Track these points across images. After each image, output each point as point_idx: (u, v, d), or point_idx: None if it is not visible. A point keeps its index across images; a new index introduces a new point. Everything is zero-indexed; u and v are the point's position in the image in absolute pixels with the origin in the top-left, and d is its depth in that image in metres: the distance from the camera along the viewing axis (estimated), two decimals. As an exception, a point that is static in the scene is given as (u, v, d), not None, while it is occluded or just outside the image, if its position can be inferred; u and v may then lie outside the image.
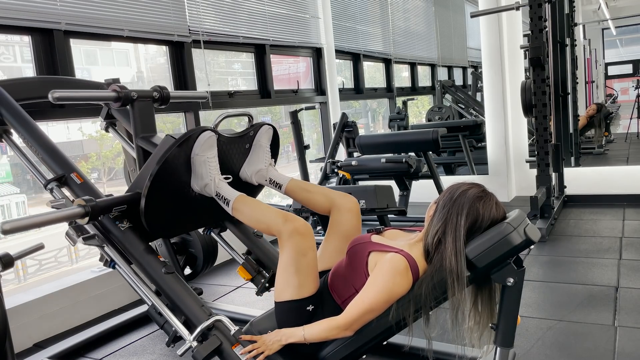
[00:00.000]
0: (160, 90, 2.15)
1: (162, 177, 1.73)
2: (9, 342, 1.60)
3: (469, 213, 1.44)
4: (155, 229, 1.84)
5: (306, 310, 1.61)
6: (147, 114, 2.12)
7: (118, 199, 1.80)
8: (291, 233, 1.62)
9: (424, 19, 7.23)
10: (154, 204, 1.75)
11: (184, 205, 1.88)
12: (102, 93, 2.07)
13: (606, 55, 9.14)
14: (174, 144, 1.73)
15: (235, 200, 1.76)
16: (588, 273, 2.89)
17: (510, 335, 1.46)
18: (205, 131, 1.79)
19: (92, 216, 1.68)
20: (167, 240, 2.68)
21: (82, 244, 1.85)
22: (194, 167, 1.81)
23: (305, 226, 1.64)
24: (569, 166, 5.23)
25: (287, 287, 1.62)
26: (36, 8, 2.73)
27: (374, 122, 7.12)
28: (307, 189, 1.95)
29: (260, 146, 2.02)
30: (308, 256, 1.62)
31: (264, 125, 2.03)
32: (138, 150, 2.09)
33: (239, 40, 4.14)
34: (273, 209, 1.72)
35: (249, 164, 2.02)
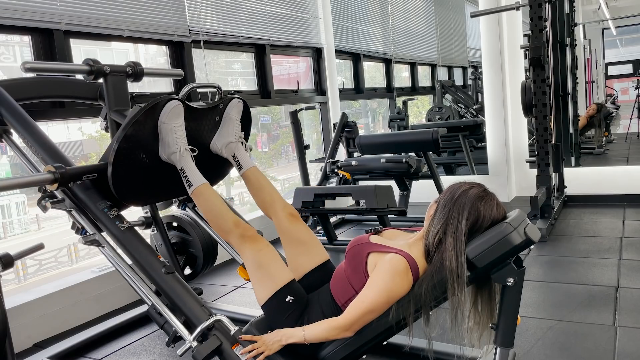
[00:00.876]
0: (134, 65, 2.20)
1: (128, 143, 1.76)
2: (9, 342, 1.60)
3: (470, 213, 1.44)
4: (124, 197, 1.86)
5: (286, 302, 1.64)
6: (120, 88, 2.17)
7: (88, 167, 1.83)
8: (239, 236, 1.72)
9: (424, 19, 7.23)
10: (122, 170, 1.78)
11: (153, 173, 1.91)
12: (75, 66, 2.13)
13: (606, 55, 9.14)
14: (140, 111, 1.76)
15: (199, 187, 1.81)
16: (588, 273, 2.89)
17: (510, 335, 1.46)
18: (172, 99, 1.82)
19: (61, 182, 1.71)
20: (167, 240, 2.68)
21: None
22: (161, 135, 1.84)
23: (252, 230, 1.77)
24: (569, 166, 5.23)
25: (260, 286, 1.68)
26: (36, 8, 2.73)
27: (374, 122, 7.12)
28: (261, 184, 1.99)
29: (231, 119, 2.05)
30: (263, 250, 1.71)
31: (234, 99, 2.06)
32: (111, 123, 2.13)
33: (239, 40, 4.14)
34: (229, 213, 1.79)
35: (219, 137, 2.06)
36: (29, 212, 4.83)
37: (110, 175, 1.76)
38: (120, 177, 1.79)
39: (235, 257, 2.22)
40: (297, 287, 1.70)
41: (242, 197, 5.82)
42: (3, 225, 4.71)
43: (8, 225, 4.80)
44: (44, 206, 1.83)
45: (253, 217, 3.96)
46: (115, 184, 1.78)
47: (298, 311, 1.64)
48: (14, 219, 4.88)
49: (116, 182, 1.78)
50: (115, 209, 1.85)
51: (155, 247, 2.70)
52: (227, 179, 2.44)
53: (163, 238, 2.67)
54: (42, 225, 4.94)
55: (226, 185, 5.34)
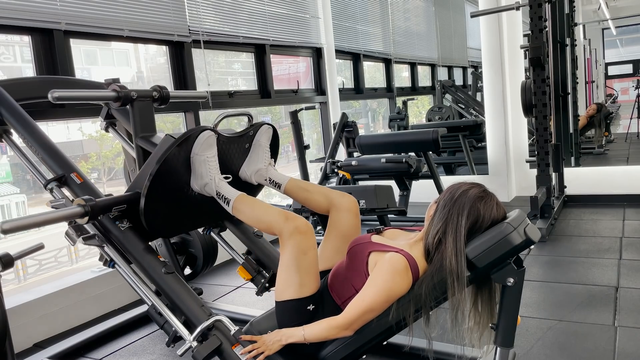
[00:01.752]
0: (160, 90, 2.15)
1: (162, 176, 1.73)
2: (9, 342, 1.60)
3: (469, 213, 1.44)
4: (155, 229, 1.83)
5: (307, 309, 1.61)
6: (147, 113, 2.12)
7: (118, 198, 1.80)
8: (292, 232, 1.62)
9: (424, 19, 7.23)
10: (154, 203, 1.75)
11: (184, 205, 1.88)
12: (102, 93, 2.07)
13: (606, 55, 9.14)
14: (174, 144, 1.73)
15: (236, 200, 1.76)
16: (588, 273, 2.89)
17: (510, 335, 1.46)
18: (205, 131, 1.79)
19: (91, 216, 1.68)
20: (167, 240, 2.68)
21: (82, 244, 1.85)
22: (194, 166, 1.81)
23: (306, 225, 1.65)
24: (569, 166, 5.23)
25: (288, 286, 1.62)
26: (36, 8, 2.73)
27: (374, 122, 7.12)
28: (306, 189, 1.95)
29: (260, 146, 2.02)
30: (309, 255, 1.62)
31: (264, 125, 2.03)
32: (138, 150, 2.09)
33: (239, 40, 4.14)
34: (274, 208, 1.72)
35: (249, 164, 2.02)
36: (29, 212, 4.83)
37: (143, 209, 1.73)
38: (153, 210, 1.77)
39: (235, 257, 2.22)
40: (319, 296, 1.66)
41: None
42: (3, 225, 4.70)
43: (8, 225, 4.78)
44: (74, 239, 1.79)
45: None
46: (147, 217, 1.75)
47: (310, 318, 1.61)
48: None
49: (148, 215, 1.75)
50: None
51: (155, 247, 2.70)
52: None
53: (163, 238, 2.67)
54: (42, 225, 4.93)
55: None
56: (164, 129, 4.24)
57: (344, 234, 1.83)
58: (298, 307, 1.61)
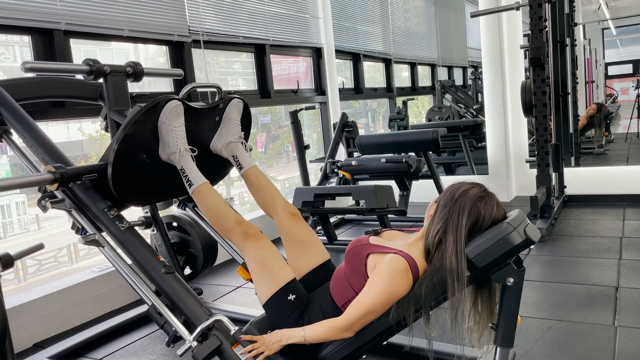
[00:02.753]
0: (133, 65, 2.20)
1: (128, 144, 1.76)
2: (9, 342, 1.60)
3: (470, 213, 1.44)
4: (124, 197, 1.86)
5: (288, 300, 1.64)
6: (121, 88, 2.17)
7: (88, 167, 1.83)
8: (242, 235, 1.72)
9: (424, 19, 7.23)
10: (122, 170, 1.78)
11: (153, 174, 1.91)
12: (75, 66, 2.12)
13: (606, 55, 9.14)
14: (140, 111, 1.76)
15: (200, 187, 1.82)
16: (588, 273, 2.89)
17: (510, 335, 1.46)
18: (173, 99, 1.82)
19: (61, 182, 1.71)
20: (167, 240, 2.68)
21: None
22: (161, 135, 1.84)
23: (254, 228, 1.76)
24: (569, 166, 5.23)
25: (262, 285, 1.68)
26: (36, 8, 2.73)
27: (374, 122, 7.12)
28: (261, 184, 1.99)
29: (231, 119, 2.05)
30: (266, 249, 1.72)
31: (234, 99, 2.06)
32: (111, 123, 2.13)
33: (239, 40, 4.14)
34: (231, 211, 1.79)
35: (219, 137, 2.06)
36: (29, 212, 4.83)
37: (110, 175, 1.76)
38: (120, 177, 1.79)
39: (235, 257, 2.22)
40: (298, 285, 1.70)
41: (242, 197, 5.82)
42: (3, 225, 4.71)
43: (8, 225, 4.80)
44: (44, 206, 1.83)
45: (253, 217, 3.97)
46: (115, 184, 1.78)
47: (299, 310, 1.64)
48: (14, 219, 4.88)
49: (116, 182, 1.78)
50: (115, 209, 1.85)
51: (155, 247, 2.70)
52: (227, 179, 2.44)
53: (163, 238, 2.67)
54: (42, 225, 4.94)
55: (226, 185, 5.34)
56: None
57: (295, 237, 1.85)
58: (279, 301, 1.65)
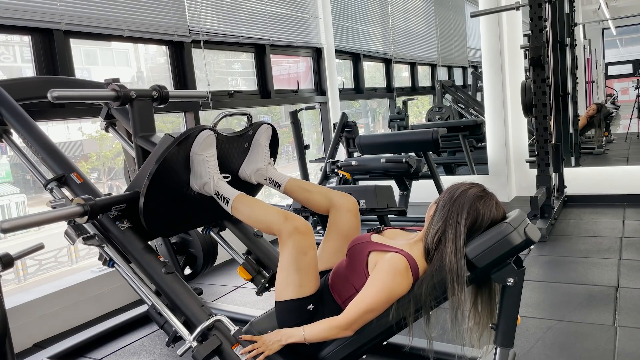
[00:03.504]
0: (159, 89, 2.15)
1: (161, 176, 1.73)
2: (9, 342, 1.60)
3: (469, 213, 1.44)
4: (154, 228, 1.83)
5: (307, 309, 1.61)
6: (146, 113, 2.12)
7: (117, 197, 1.80)
8: (291, 232, 1.62)
9: (424, 19, 7.23)
10: (153, 203, 1.75)
11: (183, 204, 1.88)
12: (101, 92, 2.07)
13: (606, 55, 9.14)
14: (173, 143, 1.72)
15: (235, 199, 1.76)
16: (588, 273, 2.89)
17: (510, 335, 1.45)
18: (204, 130, 1.79)
19: (91, 215, 1.68)
20: (167, 240, 2.68)
21: (81, 244, 1.85)
22: (193, 166, 1.81)
23: (305, 225, 1.64)
24: (569, 166, 5.23)
25: (288, 286, 1.62)
26: (36, 8, 2.73)
27: (374, 122, 7.12)
28: (306, 189, 1.95)
29: (260, 145, 2.02)
30: (308, 255, 1.62)
31: (263, 125, 2.03)
32: (137, 149, 2.09)
33: (239, 40, 4.14)
34: (273, 208, 1.72)
35: (248, 163, 2.02)
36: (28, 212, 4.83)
37: (142, 208, 1.72)
38: (152, 210, 1.76)
39: (235, 257, 2.22)
40: (319, 296, 1.66)
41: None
42: (3, 225, 4.70)
43: (8, 225, 4.78)
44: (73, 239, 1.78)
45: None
46: (146, 216, 1.75)
47: (310, 318, 1.62)
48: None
49: (147, 215, 1.75)
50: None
51: (155, 247, 2.70)
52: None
53: (163, 238, 2.67)
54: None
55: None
56: (164, 129, 4.24)
57: (344, 234, 1.83)
58: (298, 307, 1.61)
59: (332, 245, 1.83)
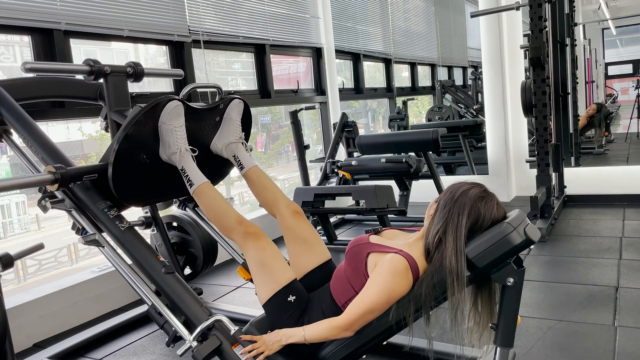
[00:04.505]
0: (134, 65, 2.20)
1: (129, 144, 1.76)
2: (9, 342, 1.60)
3: (470, 213, 1.44)
4: (125, 197, 1.86)
5: (288, 301, 1.64)
6: (121, 88, 2.17)
7: (88, 167, 1.83)
8: (242, 234, 1.72)
9: (424, 19, 7.23)
10: (122, 170, 1.78)
11: (154, 174, 1.91)
12: (75, 66, 2.12)
13: (606, 55, 9.13)
14: (140, 112, 1.76)
15: (200, 186, 1.81)
16: (588, 273, 2.89)
17: (510, 335, 1.46)
18: (173, 100, 1.82)
19: (61, 183, 1.71)
20: (167, 240, 2.68)
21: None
22: (162, 135, 1.84)
23: (255, 228, 1.75)
24: (569, 166, 5.23)
25: (263, 285, 1.68)
26: (36, 8, 2.73)
27: (374, 122, 7.12)
28: (263, 183, 1.99)
29: (231, 119, 2.05)
30: (267, 249, 1.71)
31: (235, 99, 2.07)
32: (112, 123, 2.13)
33: (239, 40, 4.13)
34: (232, 210, 1.79)
35: (220, 137, 2.06)
36: (29, 212, 4.83)
37: (111, 176, 1.76)
38: (121, 178, 1.79)
39: (235, 257, 2.22)
40: (299, 286, 1.70)
41: (242, 197, 5.82)
42: (3, 225, 4.71)
43: (8, 225, 4.80)
44: (44, 206, 1.83)
45: (254, 217, 3.97)
46: (116, 184, 1.78)
47: (299, 311, 1.64)
48: (14, 219, 4.87)
49: (116, 183, 1.78)
50: (115, 209, 1.85)
51: (155, 247, 2.70)
52: (227, 179, 2.44)
53: (163, 238, 2.67)
54: (42, 225, 4.94)
55: (226, 185, 5.34)
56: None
57: (297, 235, 1.85)
58: (279, 302, 1.64)
59: (294, 251, 1.86)
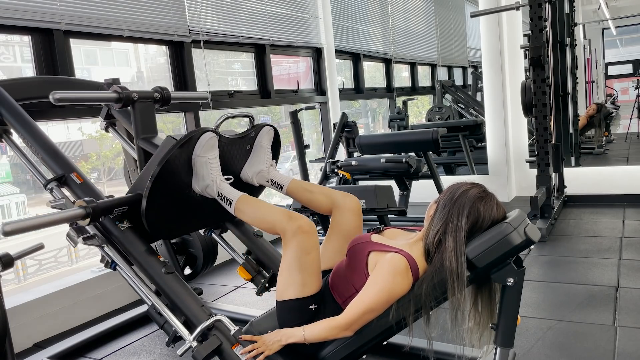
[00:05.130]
0: (161, 91, 2.15)
1: (163, 178, 1.73)
2: (9, 342, 1.60)
3: (470, 213, 1.44)
4: (157, 230, 1.83)
5: (309, 309, 1.61)
6: (148, 114, 2.12)
7: (119, 200, 1.80)
8: (295, 231, 1.61)
9: (424, 19, 7.23)
10: (155, 205, 1.75)
11: (185, 206, 1.88)
12: (103, 94, 2.07)
13: (606, 55, 9.14)
14: (175, 145, 1.72)
15: (238, 200, 1.76)
16: (588, 273, 2.89)
17: (510, 335, 1.45)
18: (207, 132, 1.78)
19: (93, 217, 1.68)
20: (167, 240, 2.68)
21: (82, 244, 1.85)
22: (195, 168, 1.80)
23: (309, 224, 1.64)
24: (569, 166, 5.23)
25: (290, 285, 1.62)
26: (36, 8, 2.73)
27: (374, 122, 7.12)
28: (308, 189, 1.95)
29: (262, 147, 2.02)
30: (311, 254, 1.62)
31: (265, 127, 2.03)
32: (139, 151, 2.09)
33: (239, 40, 4.14)
34: (276, 208, 1.73)
35: (250, 165, 2.02)
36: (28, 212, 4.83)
37: (144, 210, 1.72)
38: (154, 212, 1.76)
39: (235, 257, 2.22)
40: (321, 295, 1.66)
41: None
42: (3, 225, 4.71)
43: (8, 225, 4.79)
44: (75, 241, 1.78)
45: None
46: (149, 218, 1.75)
47: (312, 318, 1.61)
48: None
49: (149, 217, 1.75)
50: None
51: (155, 247, 2.69)
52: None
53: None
54: (42, 225, 4.93)
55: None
56: (164, 129, 4.24)
57: (346, 234, 1.83)
58: (300, 306, 1.61)
59: (333, 246, 1.83)
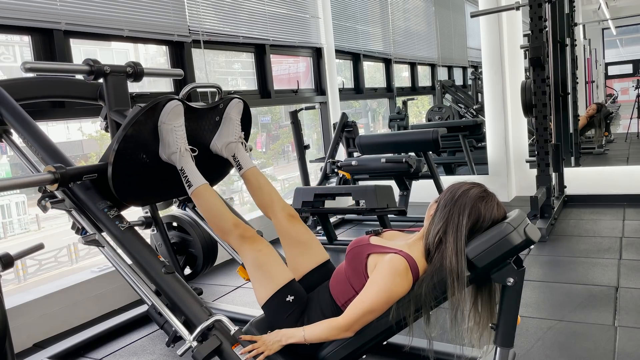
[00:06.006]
0: (134, 65, 2.20)
1: (128, 144, 1.76)
2: (9, 342, 1.60)
3: (470, 213, 1.44)
4: (125, 197, 1.86)
5: (287, 301, 1.64)
6: (121, 88, 2.17)
7: (88, 167, 1.83)
8: (239, 237, 1.73)
9: (424, 19, 7.23)
10: (121, 170, 1.78)
11: (154, 174, 1.91)
12: (75, 66, 2.12)
13: (606, 55, 9.13)
14: (140, 111, 1.76)
15: (198, 188, 1.82)
16: (588, 273, 2.89)
17: (510, 335, 1.46)
18: (173, 99, 1.82)
19: (61, 182, 1.71)
20: (167, 240, 2.68)
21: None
22: (162, 135, 1.84)
23: (251, 231, 1.77)
24: (569, 166, 5.23)
25: (261, 286, 1.68)
26: (36, 8, 2.73)
27: (374, 122, 7.12)
28: (260, 184, 2.00)
29: (231, 119, 2.06)
30: (263, 251, 1.72)
31: (235, 99, 2.07)
32: (111, 123, 2.13)
33: (239, 40, 4.13)
34: (229, 213, 1.79)
35: (220, 137, 2.07)
36: (29, 212, 4.83)
37: (111, 176, 1.76)
38: (121, 177, 1.79)
39: (235, 257, 2.22)
40: (297, 286, 1.70)
41: (242, 197, 5.82)
42: (3, 225, 4.71)
43: (8, 225, 4.80)
44: (44, 206, 1.83)
45: (253, 217, 3.97)
46: (116, 184, 1.78)
47: (298, 311, 1.64)
48: (14, 219, 4.87)
49: (116, 182, 1.78)
50: (115, 209, 1.85)
51: (155, 247, 2.70)
52: (227, 179, 2.44)
53: (163, 238, 2.67)
54: (42, 225, 4.94)
55: (226, 185, 5.34)
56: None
57: (292, 237, 1.86)
58: (278, 302, 1.65)
59: (291, 253, 1.86)
